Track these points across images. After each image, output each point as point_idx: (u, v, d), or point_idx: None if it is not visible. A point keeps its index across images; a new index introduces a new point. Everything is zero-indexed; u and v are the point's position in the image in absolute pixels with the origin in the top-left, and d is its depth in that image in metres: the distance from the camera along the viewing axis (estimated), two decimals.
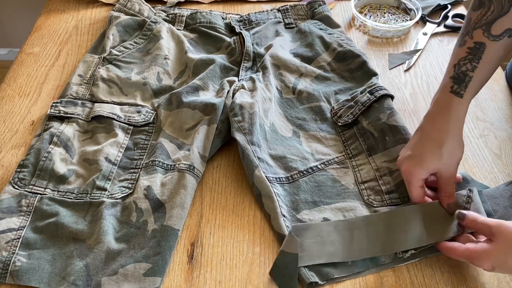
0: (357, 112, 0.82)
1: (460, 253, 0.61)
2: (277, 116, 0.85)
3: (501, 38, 0.64)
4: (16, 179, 0.73)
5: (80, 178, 0.74)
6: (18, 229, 0.68)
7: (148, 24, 0.99)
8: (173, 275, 0.66)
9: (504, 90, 0.94)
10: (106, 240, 0.66)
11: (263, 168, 0.75)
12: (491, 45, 0.64)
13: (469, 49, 0.65)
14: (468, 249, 0.60)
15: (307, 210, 0.71)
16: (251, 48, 0.95)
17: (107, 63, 0.91)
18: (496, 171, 0.79)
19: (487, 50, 0.64)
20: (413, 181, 0.66)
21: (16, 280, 0.63)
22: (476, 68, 0.65)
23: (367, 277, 0.65)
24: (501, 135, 0.85)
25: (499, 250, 0.58)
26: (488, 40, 0.64)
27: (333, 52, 0.94)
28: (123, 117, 0.82)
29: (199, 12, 1.02)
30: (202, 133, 0.79)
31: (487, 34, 0.64)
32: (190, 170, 0.74)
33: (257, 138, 0.78)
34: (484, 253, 0.59)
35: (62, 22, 1.06)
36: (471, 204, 0.68)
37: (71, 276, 0.63)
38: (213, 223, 0.72)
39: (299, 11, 1.04)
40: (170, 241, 0.66)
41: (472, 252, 0.60)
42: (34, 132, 0.82)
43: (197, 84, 0.86)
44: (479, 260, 0.59)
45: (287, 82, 0.89)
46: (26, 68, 0.95)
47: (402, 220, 0.67)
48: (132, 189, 0.73)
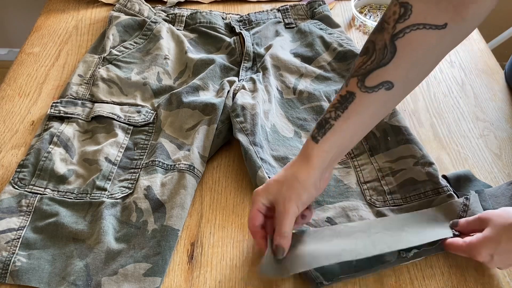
0: None
1: (459, 247, 0.63)
2: (278, 117, 0.85)
3: (375, 90, 0.58)
4: (16, 179, 0.73)
5: (80, 178, 0.74)
6: (18, 229, 0.68)
7: (148, 24, 0.99)
8: (173, 275, 0.66)
9: (504, 90, 0.94)
10: (106, 240, 0.66)
11: (265, 169, 0.75)
12: (362, 96, 0.59)
13: (340, 97, 0.60)
14: (465, 242, 0.62)
15: None
16: (251, 48, 0.95)
17: (107, 63, 0.91)
18: (496, 171, 0.79)
19: (356, 101, 0.59)
20: (254, 202, 0.63)
21: (16, 280, 0.63)
22: (339, 117, 0.60)
23: (367, 277, 0.65)
24: (501, 135, 0.85)
25: (491, 235, 0.60)
26: (360, 91, 0.59)
27: (333, 52, 0.94)
28: (123, 117, 0.82)
29: (199, 12, 1.02)
30: (202, 133, 0.79)
31: (360, 85, 0.58)
32: (190, 170, 0.74)
33: (259, 139, 0.78)
34: (479, 242, 0.60)
35: (62, 22, 1.06)
36: (467, 212, 0.68)
37: (71, 276, 0.63)
38: (213, 223, 0.72)
39: (299, 11, 1.04)
40: (170, 241, 0.66)
41: (469, 244, 0.61)
42: (34, 132, 0.82)
43: (197, 84, 0.86)
44: (476, 250, 0.61)
45: (288, 82, 0.89)
46: (26, 68, 0.95)
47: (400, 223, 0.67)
48: (132, 189, 0.73)
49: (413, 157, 0.75)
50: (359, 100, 0.59)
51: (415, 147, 0.75)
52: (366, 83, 0.58)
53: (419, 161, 0.74)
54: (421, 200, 0.71)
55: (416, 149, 0.75)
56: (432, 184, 0.72)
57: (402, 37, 0.56)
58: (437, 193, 0.71)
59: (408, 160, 0.75)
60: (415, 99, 0.92)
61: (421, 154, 0.74)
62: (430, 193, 0.71)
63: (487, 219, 0.62)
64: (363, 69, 0.59)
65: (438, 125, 0.87)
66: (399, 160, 0.75)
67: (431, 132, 0.85)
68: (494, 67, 0.98)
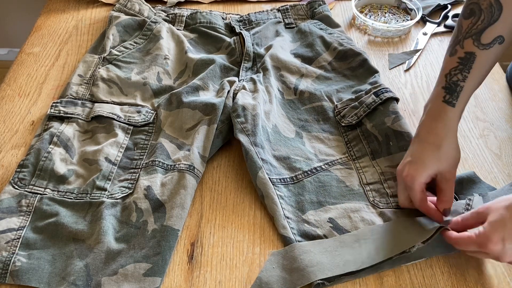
0: (362, 114, 0.81)
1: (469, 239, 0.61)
2: (280, 117, 0.84)
3: (491, 46, 0.65)
4: (16, 179, 0.73)
5: (80, 178, 0.74)
6: (18, 229, 0.68)
7: (148, 24, 0.99)
8: (173, 275, 0.66)
9: (504, 90, 0.94)
10: (106, 240, 0.66)
11: (266, 169, 0.74)
12: (481, 54, 0.65)
13: (459, 59, 0.66)
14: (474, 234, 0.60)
15: (313, 211, 0.71)
16: (251, 48, 0.95)
17: (107, 63, 0.91)
18: (496, 171, 0.79)
19: (477, 59, 0.65)
20: (415, 186, 0.67)
21: (16, 280, 0.63)
22: (467, 78, 0.66)
23: (367, 277, 0.65)
24: (501, 135, 0.85)
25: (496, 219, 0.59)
26: (479, 50, 0.65)
27: (333, 52, 0.94)
28: (123, 117, 0.82)
29: (199, 12, 1.02)
30: (202, 133, 0.79)
31: (477, 44, 0.65)
32: (190, 170, 0.74)
33: (260, 140, 0.78)
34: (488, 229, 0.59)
35: (62, 22, 1.06)
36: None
37: (71, 276, 0.63)
38: (213, 223, 0.72)
39: (299, 11, 1.04)
40: (170, 241, 0.66)
41: (478, 235, 0.60)
42: (34, 132, 0.82)
43: (197, 84, 0.86)
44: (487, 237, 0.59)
45: (288, 83, 0.89)
46: (26, 68, 0.95)
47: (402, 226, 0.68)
48: (132, 189, 0.73)
49: None
50: (479, 58, 0.65)
51: None
52: (482, 41, 0.65)
53: None
54: None
55: None
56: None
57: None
58: None
59: None
60: (415, 99, 0.92)
61: None
62: None
63: (486, 208, 0.61)
64: (474, 29, 0.65)
65: None
66: None
67: None
68: (494, 67, 0.98)
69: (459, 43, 0.66)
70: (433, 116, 0.68)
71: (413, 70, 0.98)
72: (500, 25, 0.64)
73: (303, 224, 0.70)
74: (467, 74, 0.66)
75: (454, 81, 0.67)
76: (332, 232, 0.69)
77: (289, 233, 0.68)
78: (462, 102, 0.67)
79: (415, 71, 0.98)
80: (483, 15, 0.64)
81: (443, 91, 0.67)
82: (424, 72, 0.97)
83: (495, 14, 0.63)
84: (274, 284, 0.63)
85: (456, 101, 0.67)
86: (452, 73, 0.67)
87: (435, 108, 0.68)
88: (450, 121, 0.67)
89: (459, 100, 0.67)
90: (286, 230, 0.69)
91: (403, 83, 0.95)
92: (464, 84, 0.66)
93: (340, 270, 0.63)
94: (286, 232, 0.69)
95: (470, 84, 0.67)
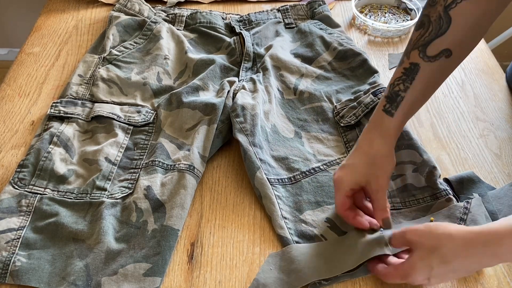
0: (360, 113, 0.81)
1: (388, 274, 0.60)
2: (279, 117, 0.84)
3: (437, 59, 0.63)
4: (16, 179, 0.73)
5: (80, 178, 0.74)
6: (18, 229, 0.68)
7: (148, 24, 0.99)
8: (173, 275, 0.66)
9: (504, 90, 0.94)
10: (106, 240, 0.66)
11: (264, 169, 0.75)
12: (425, 66, 0.63)
13: (404, 70, 0.65)
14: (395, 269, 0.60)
15: (310, 211, 0.71)
16: (251, 48, 0.95)
17: (107, 63, 0.91)
18: (496, 171, 0.79)
19: (421, 71, 0.64)
20: (341, 189, 0.67)
21: (16, 280, 0.63)
22: (409, 88, 0.65)
23: (367, 277, 0.65)
24: (501, 135, 0.85)
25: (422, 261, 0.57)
26: (423, 61, 0.63)
27: (333, 52, 0.94)
28: (123, 117, 0.82)
29: (199, 12, 1.02)
30: (202, 133, 0.79)
31: (422, 55, 0.63)
32: (190, 170, 0.74)
33: (259, 140, 0.78)
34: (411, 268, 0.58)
35: (62, 22, 1.06)
36: (468, 215, 0.68)
37: (71, 276, 0.63)
38: (213, 223, 0.72)
39: (299, 11, 1.04)
40: (170, 241, 0.66)
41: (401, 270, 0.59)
42: (34, 132, 0.82)
43: (197, 84, 0.86)
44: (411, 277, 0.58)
45: (288, 83, 0.89)
46: (26, 68, 0.95)
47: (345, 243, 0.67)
48: (132, 189, 0.73)
49: (413, 163, 0.74)
50: (423, 70, 0.64)
51: (415, 153, 0.75)
52: (428, 53, 0.63)
53: (418, 167, 0.74)
54: (419, 205, 0.71)
55: (417, 155, 0.75)
56: (431, 190, 0.72)
57: (455, 8, 0.61)
58: (436, 198, 0.71)
59: (407, 166, 0.75)
60: None
61: (421, 160, 0.74)
62: (428, 198, 0.71)
63: (412, 241, 0.59)
64: (422, 40, 0.63)
65: (438, 125, 0.87)
66: (398, 165, 0.75)
67: (431, 132, 0.85)
68: (494, 67, 0.98)
69: (406, 54, 0.65)
70: (372, 124, 0.68)
71: None
72: (447, 38, 0.62)
73: (300, 224, 0.70)
74: (409, 85, 0.64)
75: (395, 91, 0.65)
76: (330, 232, 0.69)
77: (286, 233, 0.68)
78: (402, 112, 0.66)
79: None
80: (431, 27, 0.62)
81: (385, 100, 0.66)
82: None
83: (443, 27, 0.62)
84: (271, 285, 0.63)
85: (395, 111, 0.65)
86: (395, 83, 0.65)
87: (375, 116, 0.67)
88: (386, 130, 0.66)
89: (399, 110, 0.65)
90: (284, 230, 0.69)
91: None
92: (405, 94, 0.65)
93: (338, 270, 0.63)
94: (283, 232, 0.69)
95: (411, 95, 0.65)
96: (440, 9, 0.61)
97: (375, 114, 0.68)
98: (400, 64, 0.66)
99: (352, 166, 0.67)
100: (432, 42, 0.62)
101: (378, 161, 0.66)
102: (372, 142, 0.67)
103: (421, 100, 0.67)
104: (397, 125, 0.66)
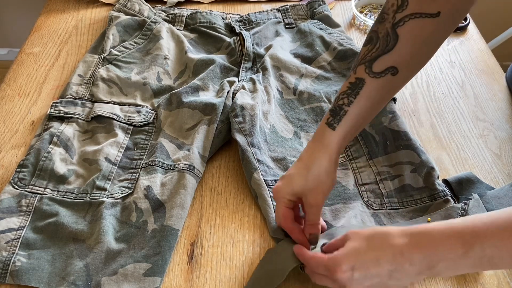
0: None
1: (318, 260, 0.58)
2: (278, 117, 0.84)
3: (382, 75, 0.62)
4: (16, 179, 0.73)
5: (80, 178, 0.74)
6: (18, 229, 0.68)
7: (148, 24, 0.99)
8: (173, 275, 0.66)
9: (504, 90, 0.94)
10: (106, 240, 0.66)
11: (262, 170, 0.74)
12: (371, 82, 0.63)
13: (350, 84, 0.64)
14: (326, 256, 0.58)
15: None
16: (251, 48, 0.95)
17: (107, 63, 0.91)
18: (496, 171, 0.79)
19: (366, 86, 0.63)
20: (279, 199, 0.66)
21: (16, 280, 0.63)
22: (352, 103, 0.63)
23: None
24: (501, 135, 0.85)
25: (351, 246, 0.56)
26: (369, 77, 0.62)
27: (333, 52, 0.94)
28: (123, 117, 0.82)
29: (199, 12, 1.02)
30: (202, 133, 0.79)
31: (368, 71, 0.62)
32: (190, 170, 0.74)
33: (257, 140, 0.78)
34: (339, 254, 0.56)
35: (62, 22, 1.06)
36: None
37: (71, 276, 0.63)
38: (213, 223, 0.72)
39: (299, 11, 1.04)
40: (170, 241, 0.66)
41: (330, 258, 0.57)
42: (34, 132, 0.82)
43: (197, 84, 0.86)
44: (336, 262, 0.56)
45: (288, 83, 0.89)
46: (26, 68, 0.95)
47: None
48: (132, 189, 0.73)
49: (411, 163, 0.74)
50: (368, 85, 0.63)
51: (413, 154, 0.75)
52: (374, 69, 0.62)
53: (416, 168, 0.74)
54: (417, 205, 0.71)
55: (415, 155, 0.75)
56: (429, 190, 0.72)
57: (403, 26, 0.60)
58: (433, 198, 0.71)
59: (405, 166, 0.75)
60: (415, 99, 0.92)
61: (420, 160, 0.74)
62: (426, 199, 0.71)
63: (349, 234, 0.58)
64: (369, 56, 0.63)
65: (438, 125, 0.87)
66: (396, 165, 0.75)
67: (431, 132, 0.85)
68: (494, 67, 0.98)
69: (353, 69, 0.64)
70: (315, 137, 0.66)
71: None
72: (393, 56, 0.61)
73: None
74: (353, 99, 0.63)
75: (339, 105, 0.64)
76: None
77: (281, 235, 0.68)
78: (344, 127, 0.64)
79: None
80: (379, 43, 0.62)
81: (329, 113, 0.65)
82: (424, 72, 0.97)
83: (390, 44, 0.61)
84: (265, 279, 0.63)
85: (337, 124, 0.64)
86: (340, 96, 0.64)
87: (319, 129, 0.66)
88: (327, 144, 0.64)
89: (341, 124, 0.64)
90: (277, 232, 0.69)
91: None
92: (348, 108, 0.63)
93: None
94: (277, 234, 0.68)
95: (354, 110, 0.63)
96: (388, 26, 0.61)
97: (319, 127, 0.66)
98: (347, 79, 0.65)
99: (291, 177, 0.65)
100: (379, 58, 0.62)
101: (316, 176, 0.64)
102: (313, 156, 0.65)
103: (364, 117, 0.65)
104: (339, 140, 0.64)
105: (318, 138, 0.65)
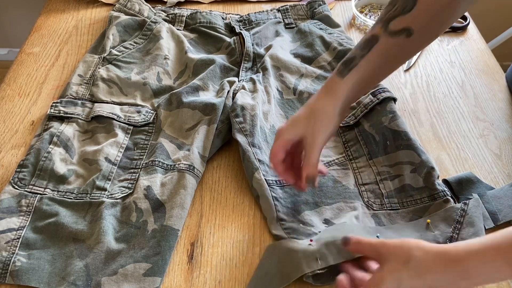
0: (359, 114, 0.81)
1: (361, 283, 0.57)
2: (278, 117, 0.84)
3: (397, 35, 0.65)
4: (16, 179, 0.73)
5: (80, 178, 0.74)
6: (18, 229, 0.68)
7: (148, 24, 0.99)
8: (173, 275, 0.66)
9: (504, 90, 0.94)
10: (106, 240, 0.66)
11: (263, 170, 0.74)
12: (384, 40, 0.65)
13: (365, 40, 0.67)
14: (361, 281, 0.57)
15: (309, 211, 0.71)
16: (251, 48, 0.95)
17: (107, 63, 0.91)
18: (496, 171, 0.79)
19: (379, 43, 0.65)
20: (278, 138, 0.68)
21: (16, 280, 0.63)
22: (364, 57, 0.66)
23: None
24: (501, 135, 0.85)
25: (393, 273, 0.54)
26: (384, 34, 0.65)
27: (333, 52, 0.94)
28: (123, 117, 0.82)
29: (199, 12, 1.02)
30: (202, 133, 0.79)
31: (384, 29, 0.65)
32: (190, 170, 0.74)
33: (258, 140, 0.78)
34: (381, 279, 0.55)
35: (62, 22, 1.06)
36: (465, 218, 0.67)
37: (71, 276, 0.63)
38: (213, 223, 0.72)
39: (299, 11, 1.04)
40: (170, 241, 0.66)
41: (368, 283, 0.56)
42: (34, 132, 0.82)
43: (197, 84, 0.86)
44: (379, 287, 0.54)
45: (288, 83, 0.89)
46: (26, 68, 0.95)
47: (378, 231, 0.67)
48: (132, 189, 0.73)
49: (411, 163, 0.74)
50: (382, 42, 0.65)
51: (413, 154, 0.75)
52: (390, 27, 0.65)
53: (416, 168, 0.74)
54: (417, 205, 0.71)
55: (415, 155, 0.74)
56: (428, 190, 0.72)
57: None
58: (433, 199, 0.71)
59: (405, 166, 0.75)
60: (415, 99, 0.92)
61: (420, 161, 0.74)
62: (426, 199, 0.71)
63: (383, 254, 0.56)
64: (387, 15, 0.65)
65: (438, 125, 0.87)
66: (396, 165, 0.75)
67: (431, 132, 0.85)
68: (494, 67, 0.98)
69: (372, 28, 0.67)
70: (324, 84, 0.69)
71: (413, 70, 0.98)
72: (410, 17, 0.63)
73: (298, 224, 0.69)
74: (365, 53, 0.66)
75: (352, 57, 0.67)
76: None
77: (283, 234, 0.68)
78: (353, 78, 0.66)
79: (415, 71, 0.98)
80: (398, 4, 0.64)
81: (340, 64, 0.68)
82: (424, 72, 0.97)
83: (408, 6, 0.63)
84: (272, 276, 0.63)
85: (347, 74, 0.66)
86: (355, 49, 0.67)
87: (329, 78, 0.69)
88: (334, 91, 0.67)
89: (350, 74, 0.66)
90: (279, 231, 0.69)
91: (403, 83, 0.95)
92: (359, 62, 0.66)
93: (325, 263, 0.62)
94: (279, 233, 0.68)
95: (365, 63, 0.66)
96: None
97: (330, 77, 0.69)
98: (364, 36, 0.67)
99: (294, 118, 0.68)
100: (396, 18, 0.64)
101: (317, 115, 0.66)
102: (318, 100, 0.68)
103: (371, 75, 0.67)
104: (345, 88, 0.66)
105: (326, 85, 0.68)
